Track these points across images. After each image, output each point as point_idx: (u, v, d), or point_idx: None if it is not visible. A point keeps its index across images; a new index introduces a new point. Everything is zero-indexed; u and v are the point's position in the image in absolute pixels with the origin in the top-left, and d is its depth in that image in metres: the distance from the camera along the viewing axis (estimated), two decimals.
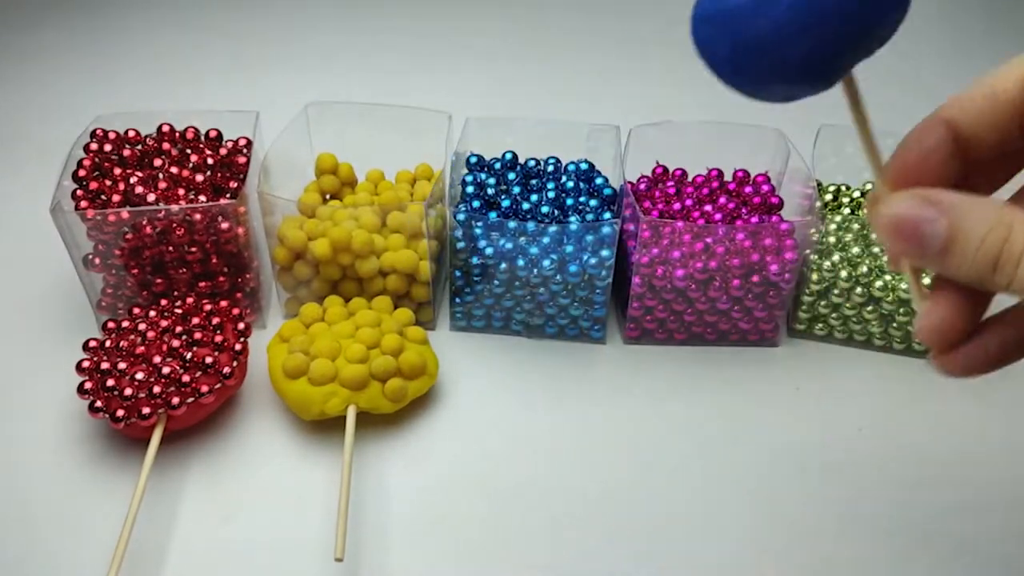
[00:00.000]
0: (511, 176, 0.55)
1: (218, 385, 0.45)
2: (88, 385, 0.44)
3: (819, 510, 0.45)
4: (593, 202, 0.52)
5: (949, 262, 0.25)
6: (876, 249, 0.51)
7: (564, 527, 0.44)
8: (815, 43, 0.25)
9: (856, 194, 0.57)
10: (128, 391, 0.44)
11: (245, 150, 0.54)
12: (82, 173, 0.50)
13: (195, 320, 0.48)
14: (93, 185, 0.49)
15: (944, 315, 0.27)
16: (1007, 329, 0.27)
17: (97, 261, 0.50)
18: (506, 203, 0.52)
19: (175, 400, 0.44)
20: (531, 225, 0.50)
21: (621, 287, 0.54)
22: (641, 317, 0.53)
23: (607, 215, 0.52)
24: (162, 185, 0.50)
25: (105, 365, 0.45)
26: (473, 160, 0.56)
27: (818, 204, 0.51)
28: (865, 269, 0.51)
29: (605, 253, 0.50)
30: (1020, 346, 0.27)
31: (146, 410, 0.43)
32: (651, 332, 0.54)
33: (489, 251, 0.51)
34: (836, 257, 0.51)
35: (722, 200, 0.53)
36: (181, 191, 0.50)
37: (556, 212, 0.52)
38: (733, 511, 0.45)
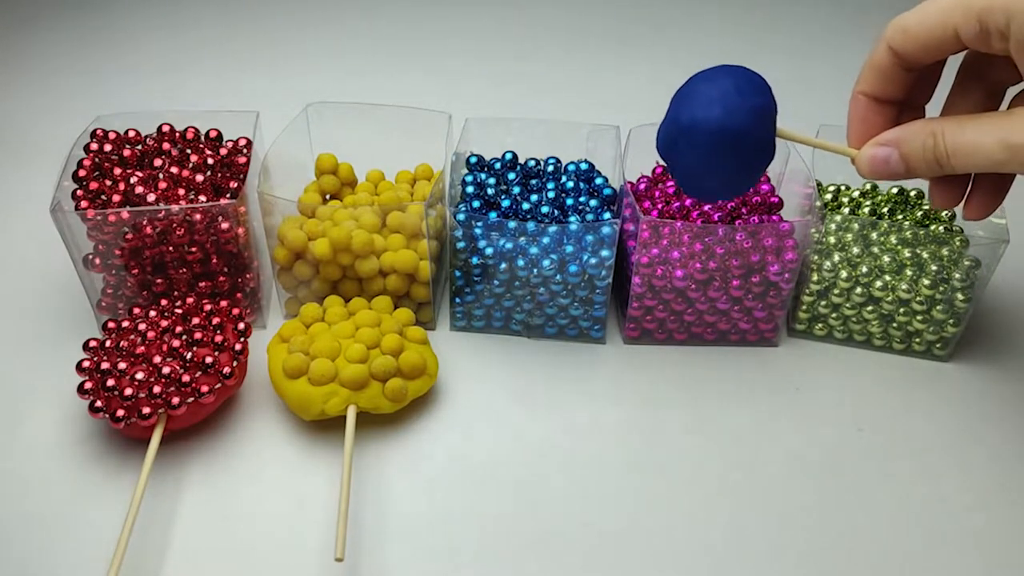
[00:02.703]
0: (511, 176, 0.55)
1: (218, 385, 0.46)
2: (88, 385, 0.44)
3: (819, 510, 0.45)
4: (593, 202, 0.52)
5: (914, 173, 0.37)
6: (876, 249, 0.51)
7: (564, 527, 0.44)
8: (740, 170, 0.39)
9: (856, 194, 0.57)
10: (128, 391, 0.44)
11: (245, 150, 0.54)
12: (82, 173, 0.50)
13: (195, 320, 0.48)
14: (93, 185, 0.49)
15: (943, 190, 0.40)
16: (985, 183, 0.39)
17: (97, 261, 0.50)
18: (506, 203, 0.52)
19: (175, 400, 0.44)
20: (531, 225, 0.50)
21: (621, 287, 0.54)
22: (641, 317, 0.53)
23: (607, 215, 0.52)
24: (162, 185, 0.50)
25: (105, 365, 0.45)
26: (473, 160, 0.56)
27: (818, 204, 0.51)
28: (865, 269, 0.51)
29: (605, 253, 0.50)
30: (998, 190, 0.39)
31: (146, 410, 0.43)
32: (651, 332, 0.54)
33: (489, 251, 0.51)
34: (836, 257, 0.51)
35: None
36: (181, 191, 0.50)
37: (556, 212, 0.52)
38: (732, 511, 0.45)
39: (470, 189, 0.53)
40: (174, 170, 0.51)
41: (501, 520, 0.44)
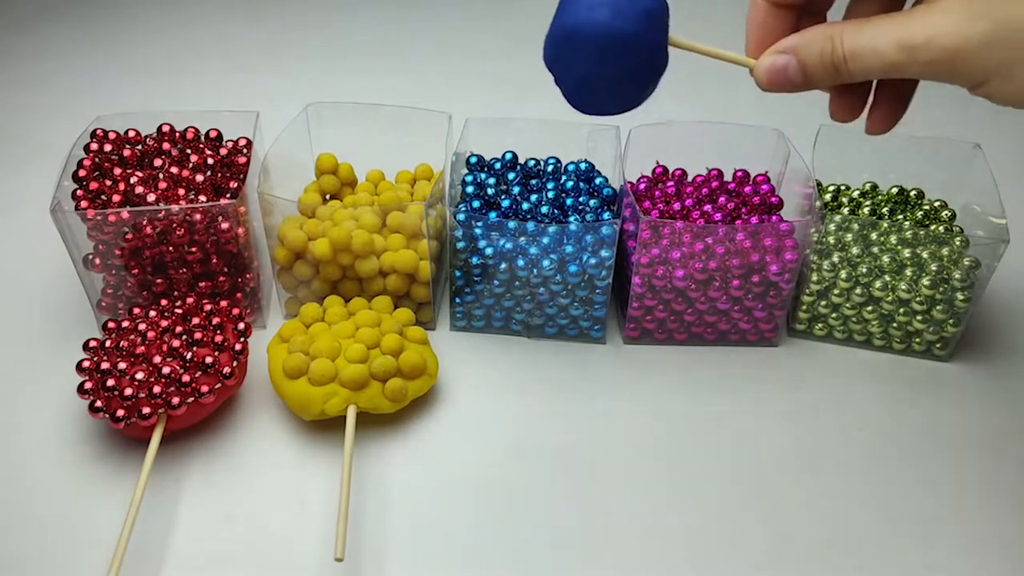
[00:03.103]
0: (511, 176, 0.55)
1: (218, 385, 0.46)
2: (88, 385, 0.44)
3: (819, 509, 0.45)
4: (593, 202, 0.52)
5: (813, 81, 0.36)
6: (876, 249, 0.51)
7: (563, 526, 0.44)
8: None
9: (856, 194, 0.56)
10: (128, 391, 0.44)
11: (245, 150, 0.54)
12: (82, 173, 0.50)
13: (195, 320, 0.48)
14: (93, 185, 0.49)
15: (843, 101, 0.38)
16: (886, 93, 0.38)
17: (97, 261, 0.50)
18: (506, 203, 0.52)
19: (175, 400, 0.44)
20: (531, 225, 0.50)
21: (621, 287, 0.54)
22: (641, 317, 0.53)
23: (607, 215, 0.52)
24: (162, 185, 0.50)
25: (105, 365, 0.45)
26: (473, 160, 0.56)
27: (818, 204, 0.51)
28: (865, 269, 0.51)
29: (605, 253, 0.50)
30: (900, 100, 0.38)
31: (146, 410, 0.43)
32: (651, 332, 0.54)
33: (489, 251, 0.51)
34: (836, 257, 0.51)
35: (722, 200, 0.53)
36: (181, 191, 0.50)
37: (556, 212, 0.52)
38: (732, 511, 0.45)
39: (470, 189, 0.53)
40: (174, 170, 0.51)
41: (501, 519, 0.44)
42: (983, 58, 0.31)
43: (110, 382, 0.44)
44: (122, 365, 0.45)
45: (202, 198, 0.50)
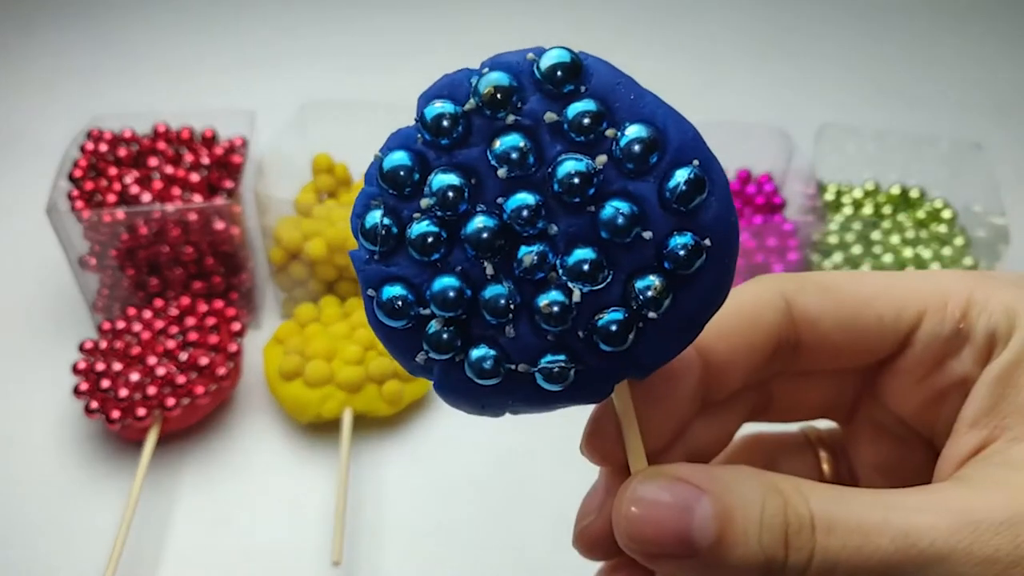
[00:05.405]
0: None
1: (213, 386, 0.45)
2: (83, 386, 0.44)
3: None
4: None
5: (725, 553, 0.18)
6: (876, 249, 0.51)
7: (562, 529, 0.43)
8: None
9: (857, 193, 0.56)
10: (123, 392, 0.43)
11: (241, 150, 0.54)
12: (78, 173, 0.50)
13: (190, 321, 0.47)
14: (89, 185, 0.49)
15: None
16: None
17: (93, 261, 0.50)
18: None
19: (170, 401, 0.44)
20: None
21: None
22: None
23: None
24: (157, 185, 0.49)
25: (100, 366, 0.45)
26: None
27: (819, 204, 0.51)
28: (866, 269, 0.51)
29: None
30: None
31: (141, 411, 0.43)
32: None
33: None
34: (837, 257, 0.51)
35: None
36: (176, 191, 0.49)
37: None
38: None
39: None
40: (169, 170, 0.50)
41: (498, 523, 0.43)
42: None
43: (105, 383, 0.44)
44: (117, 366, 0.44)
45: (197, 198, 0.50)
